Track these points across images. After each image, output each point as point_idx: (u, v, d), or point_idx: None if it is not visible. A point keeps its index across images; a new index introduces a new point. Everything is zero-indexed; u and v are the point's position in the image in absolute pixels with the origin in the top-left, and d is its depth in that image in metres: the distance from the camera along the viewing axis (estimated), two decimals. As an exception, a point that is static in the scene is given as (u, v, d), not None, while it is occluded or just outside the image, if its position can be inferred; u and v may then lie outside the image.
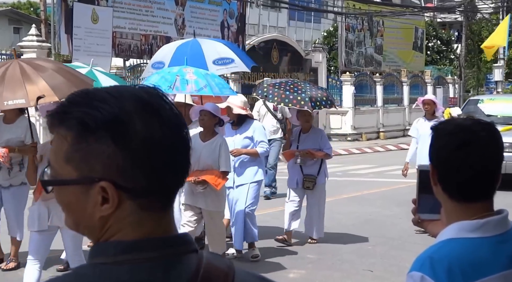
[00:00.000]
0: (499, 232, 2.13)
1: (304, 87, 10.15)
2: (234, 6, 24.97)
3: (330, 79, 30.83)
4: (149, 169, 1.35)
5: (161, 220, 1.40)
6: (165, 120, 1.37)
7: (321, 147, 9.98)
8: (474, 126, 2.18)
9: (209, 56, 10.09)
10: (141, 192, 1.36)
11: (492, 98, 19.03)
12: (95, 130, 1.34)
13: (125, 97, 1.36)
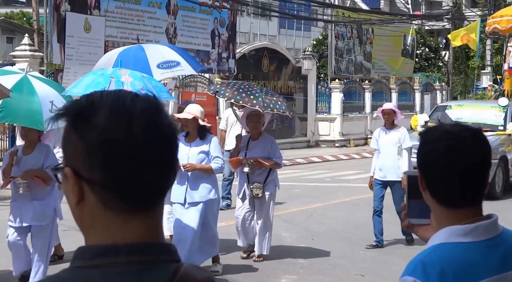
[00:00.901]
0: (490, 236, 2.13)
1: (260, 90, 9.72)
2: (225, 14, 25.13)
3: (319, 86, 31.03)
4: (103, 163, 1.36)
5: (129, 223, 1.38)
6: (136, 125, 1.37)
7: (270, 156, 9.42)
8: (461, 132, 2.17)
9: (153, 60, 9.76)
10: (99, 185, 1.37)
11: (460, 104, 18.73)
12: (67, 121, 1.41)
13: (108, 97, 1.40)
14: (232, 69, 25.21)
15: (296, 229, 11.93)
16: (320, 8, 33.46)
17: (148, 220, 1.40)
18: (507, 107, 16.86)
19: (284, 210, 13.71)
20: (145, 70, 9.34)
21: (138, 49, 10.15)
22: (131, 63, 9.35)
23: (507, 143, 16.06)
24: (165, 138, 1.40)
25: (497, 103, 17.14)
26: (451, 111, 17.37)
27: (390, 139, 10.56)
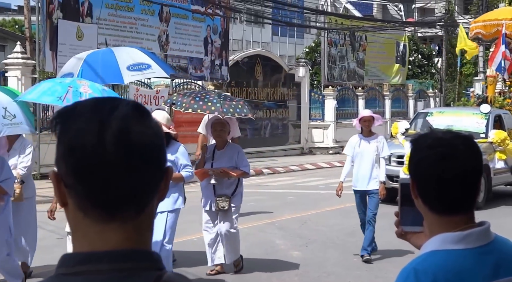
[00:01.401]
0: (482, 243, 2.12)
1: (218, 96, 9.44)
2: (217, 22, 25.13)
3: (312, 93, 31.03)
4: (74, 168, 1.35)
5: (106, 232, 1.37)
6: (110, 132, 1.35)
7: (238, 165, 8.97)
8: (453, 139, 2.17)
9: (123, 62, 9.45)
10: (74, 191, 1.37)
11: (441, 111, 18.24)
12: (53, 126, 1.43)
13: (86, 103, 1.41)
14: (225, 77, 25.20)
15: (290, 236, 11.89)
16: (313, 15, 33.51)
17: (128, 228, 1.38)
18: (489, 114, 16.54)
19: (278, 217, 13.68)
20: (114, 72, 9.25)
21: (107, 52, 9.92)
22: (100, 66, 9.21)
23: (489, 151, 15.48)
24: (139, 146, 1.36)
25: (479, 110, 16.83)
26: (432, 118, 17.04)
27: (368, 148, 10.25)
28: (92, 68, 9.12)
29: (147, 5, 21.96)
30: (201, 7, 24.21)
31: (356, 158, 10.27)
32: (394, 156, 15.18)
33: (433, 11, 49.72)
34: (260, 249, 10.75)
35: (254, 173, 21.91)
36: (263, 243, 11.21)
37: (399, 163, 14.89)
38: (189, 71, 23.92)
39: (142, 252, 1.39)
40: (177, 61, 23.37)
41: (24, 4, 20.83)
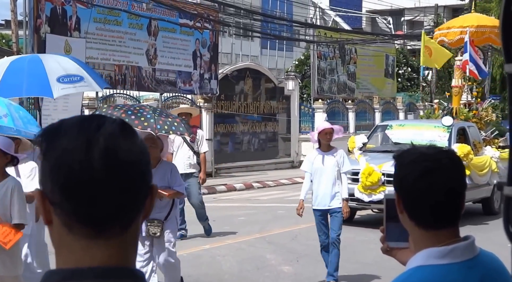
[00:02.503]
0: (468, 257, 2.14)
1: (153, 111, 8.91)
2: (206, 35, 25.10)
3: (302, 106, 31.01)
4: (61, 185, 1.36)
5: (91, 248, 1.37)
6: (97, 149, 1.36)
7: (170, 184, 8.24)
8: (437, 154, 2.20)
9: (52, 73, 8.60)
10: (60, 208, 1.37)
11: (401, 124, 17.15)
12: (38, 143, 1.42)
13: (72, 121, 1.42)
14: (214, 90, 25.15)
15: (280, 250, 11.81)
16: (302, 29, 33.55)
17: (112, 245, 1.39)
18: (451, 127, 15.53)
19: (269, 231, 13.59)
20: (42, 84, 8.44)
21: (34, 60, 8.92)
22: (26, 75, 8.40)
23: None
24: (126, 164, 1.38)
25: (441, 122, 15.75)
26: (391, 132, 16.24)
27: (328, 163, 9.54)
28: (16, 77, 8.33)
29: (135, 19, 21.91)
30: (190, 20, 24.17)
31: (316, 174, 9.56)
32: (348, 172, 14.67)
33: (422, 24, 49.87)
34: (251, 264, 10.67)
35: (244, 187, 21.85)
36: (253, 258, 11.13)
37: (354, 180, 13.79)
38: (178, 85, 23.85)
39: (125, 269, 1.40)
40: (166, 75, 23.30)
41: (11, 19, 20.73)
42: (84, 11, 20.10)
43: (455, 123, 15.76)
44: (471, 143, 15.63)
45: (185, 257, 11.05)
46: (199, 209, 12.76)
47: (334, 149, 9.65)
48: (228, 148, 26.40)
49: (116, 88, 21.62)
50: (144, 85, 22.45)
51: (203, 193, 20.14)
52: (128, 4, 21.57)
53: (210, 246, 12.00)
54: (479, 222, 14.45)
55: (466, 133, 15.89)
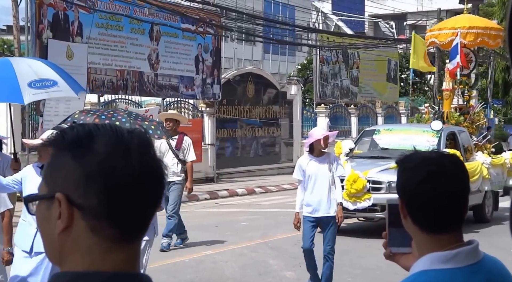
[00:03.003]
0: (471, 262, 2.13)
1: (128, 115, 8.67)
2: (208, 40, 25.09)
3: (305, 111, 30.98)
4: (101, 189, 1.38)
5: (112, 251, 1.40)
6: (134, 156, 1.41)
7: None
8: (439, 158, 2.20)
9: (23, 77, 8.19)
10: (92, 212, 1.39)
11: (389, 129, 16.35)
12: (62, 148, 1.43)
13: (105, 128, 1.45)
14: (217, 95, 25.13)
15: (283, 256, 11.76)
16: (305, 33, 33.53)
17: (129, 250, 1.43)
18: (441, 132, 14.97)
19: (271, 237, 13.55)
20: (12, 89, 8.04)
21: (4, 63, 8.51)
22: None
23: None
24: (158, 173, 1.45)
25: (430, 127, 15.10)
26: (379, 137, 15.55)
27: (322, 169, 9.13)
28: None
29: (137, 24, 21.91)
30: (192, 25, 24.16)
31: (309, 181, 9.10)
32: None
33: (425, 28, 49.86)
34: (253, 270, 10.62)
35: (246, 192, 21.80)
36: (255, 263, 11.09)
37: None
38: (180, 90, 23.84)
39: (132, 274, 1.42)
40: (168, 80, 23.29)
41: (13, 24, 20.71)
42: (86, 16, 20.10)
43: (444, 128, 15.26)
44: (461, 148, 15.13)
45: (187, 263, 11.02)
46: (170, 218, 11.97)
47: (326, 153, 9.27)
48: (230, 153, 26.37)
49: (118, 94, 21.61)
50: (146, 90, 22.44)
51: (205, 198, 20.23)
52: (130, 9, 21.57)
53: (212, 251, 11.96)
54: (469, 230, 14.30)
55: (456, 138, 15.41)
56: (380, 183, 13.46)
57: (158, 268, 10.65)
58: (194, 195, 20.26)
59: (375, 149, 15.41)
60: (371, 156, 14.74)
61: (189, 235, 12.71)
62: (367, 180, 13.39)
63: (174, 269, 10.56)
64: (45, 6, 18.92)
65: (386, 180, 13.33)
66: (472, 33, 17.96)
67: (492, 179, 15.55)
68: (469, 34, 17.97)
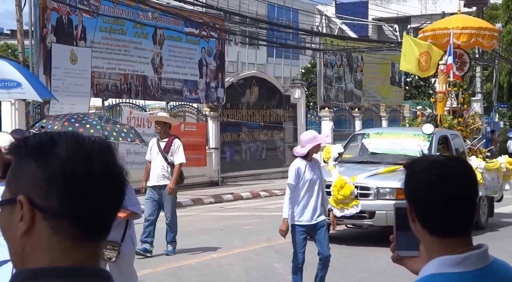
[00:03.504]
0: (480, 266, 2.12)
1: (99, 118, 8.33)
2: (212, 44, 25.09)
3: (309, 115, 30.96)
4: (62, 191, 1.43)
5: (72, 249, 1.45)
6: (95, 160, 1.46)
7: (125, 203, 7.04)
8: (447, 161, 2.19)
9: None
10: (54, 213, 1.44)
11: (379, 132, 15.74)
12: (24, 155, 1.47)
13: (67, 134, 1.51)
14: (221, 99, 25.13)
15: (289, 259, 11.65)
16: (308, 37, 33.50)
17: (91, 248, 1.48)
18: (432, 136, 14.39)
19: (276, 240, 13.48)
20: None
21: None
22: None
23: None
24: (119, 178, 1.51)
25: (421, 131, 14.55)
26: (368, 141, 14.93)
27: (314, 175, 8.92)
28: None
29: (140, 28, 21.92)
30: (195, 29, 24.16)
31: (303, 187, 8.79)
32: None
33: (429, 31, 49.81)
34: (259, 273, 10.61)
35: (251, 196, 21.78)
36: (261, 267, 11.07)
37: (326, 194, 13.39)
38: (184, 93, 23.84)
39: (90, 268, 1.47)
40: (172, 84, 23.29)
41: (17, 28, 20.74)
42: (89, 21, 20.11)
43: (436, 132, 14.70)
44: (453, 152, 14.50)
45: (193, 266, 11.01)
46: (170, 225, 11.98)
47: (314, 159, 9.07)
48: (234, 157, 26.37)
49: (121, 98, 21.61)
50: (150, 94, 22.45)
51: (210, 202, 20.21)
52: (134, 13, 21.58)
53: (218, 255, 11.95)
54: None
55: (448, 142, 14.86)
56: (368, 189, 12.99)
57: (165, 272, 10.65)
58: (199, 199, 20.27)
59: (365, 153, 14.87)
60: (360, 161, 14.34)
61: (195, 239, 12.71)
62: (355, 185, 12.92)
63: (180, 273, 10.57)
64: (48, 10, 18.93)
65: (375, 185, 12.89)
66: (466, 33, 17.58)
67: (487, 184, 15.12)
68: (462, 34, 17.60)
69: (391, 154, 14.29)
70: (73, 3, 19.66)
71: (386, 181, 12.85)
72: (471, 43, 17.99)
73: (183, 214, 18.01)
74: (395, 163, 13.39)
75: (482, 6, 36.18)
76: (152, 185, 11.83)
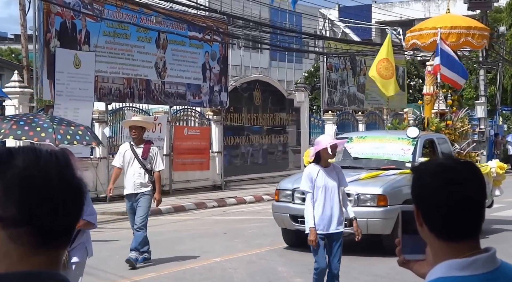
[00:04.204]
0: (489, 269, 2.11)
1: (51, 120, 8.06)
2: (216, 48, 25.11)
3: (312, 118, 30.95)
4: (19, 199, 1.47)
5: (30, 256, 1.49)
6: (53, 171, 1.50)
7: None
8: (456, 165, 2.18)
9: None
10: (11, 221, 1.47)
11: (362, 136, 14.86)
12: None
13: (25, 147, 1.56)
14: (224, 103, 25.14)
15: (292, 263, 11.73)
16: (312, 40, 33.51)
17: (50, 254, 1.52)
18: (417, 140, 13.72)
19: (280, 244, 13.50)
20: None
21: None
22: None
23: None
24: (77, 189, 1.54)
25: (405, 134, 13.84)
26: (351, 145, 13.97)
27: (331, 181, 8.51)
28: None
29: (144, 32, 21.95)
30: (199, 33, 24.19)
31: (319, 194, 8.45)
32: (298, 191, 12.28)
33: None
34: (262, 277, 10.60)
35: (254, 200, 21.78)
36: (265, 271, 11.06)
37: (304, 200, 12.12)
38: (187, 97, 23.86)
39: (46, 272, 1.49)
40: (175, 87, 23.31)
41: (21, 33, 20.82)
42: (93, 25, 20.15)
43: (421, 135, 14.07)
44: (440, 156, 13.94)
45: (197, 270, 11.00)
46: (138, 231, 11.26)
47: (332, 164, 8.71)
48: (237, 160, 26.37)
49: (125, 102, 21.63)
50: (153, 98, 22.47)
51: (213, 206, 20.20)
52: (137, 18, 21.61)
53: (221, 258, 11.94)
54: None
55: (434, 146, 14.22)
56: (348, 195, 11.69)
57: (168, 275, 10.65)
58: (202, 203, 20.27)
59: (348, 158, 13.95)
60: (342, 166, 13.22)
61: (198, 242, 12.69)
62: None
63: (183, 276, 10.56)
64: (52, 15, 18.97)
65: (355, 192, 11.99)
66: (455, 33, 16.81)
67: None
68: (451, 34, 16.82)
69: (375, 159, 13.71)
70: (77, 7, 19.70)
71: (367, 187, 12.22)
72: (460, 44, 17.11)
73: (186, 217, 18.02)
74: (378, 168, 13.02)
75: (486, 9, 36.12)
76: (129, 193, 11.29)
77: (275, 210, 13.01)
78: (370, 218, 11.74)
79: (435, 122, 15.79)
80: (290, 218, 12.51)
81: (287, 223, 12.66)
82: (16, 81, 19.07)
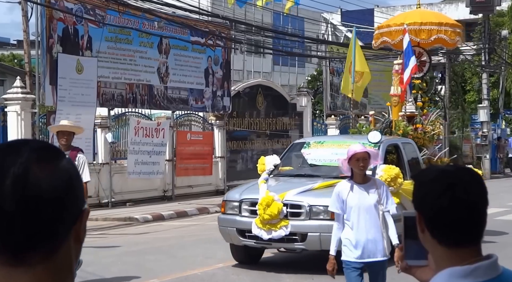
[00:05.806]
0: (490, 276, 2.10)
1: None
2: (218, 52, 25.11)
3: (315, 123, 30.93)
4: None
5: (13, 276, 1.38)
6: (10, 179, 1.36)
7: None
8: (457, 171, 2.18)
9: None
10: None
11: (320, 141, 13.50)
12: None
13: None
14: (227, 107, 25.13)
15: (295, 269, 11.68)
16: (314, 45, 33.51)
17: (35, 273, 1.39)
18: (379, 145, 12.13)
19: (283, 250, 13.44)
20: None
21: None
22: None
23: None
24: (40, 193, 1.37)
25: (366, 139, 12.08)
26: (308, 150, 12.89)
27: (368, 200, 7.17)
28: None
29: (146, 38, 21.95)
30: (201, 38, 24.19)
31: (351, 215, 7.15)
32: (246, 203, 11.49)
33: (435, 39, 49.73)
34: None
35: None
36: (268, 277, 11.02)
37: (253, 213, 11.19)
38: (190, 102, 23.85)
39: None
40: (178, 92, 23.30)
41: (23, 39, 20.81)
42: (95, 31, 20.15)
43: (384, 140, 12.75)
44: (405, 163, 12.70)
45: (199, 276, 10.96)
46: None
47: (372, 179, 7.42)
48: (240, 165, 26.34)
49: (127, 107, 21.63)
50: (155, 103, 22.46)
51: (216, 211, 20.11)
52: (139, 23, 21.62)
53: (224, 264, 11.90)
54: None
55: (399, 152, 12.94)
56: (299, 207, 11.03)
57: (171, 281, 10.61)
58: (204, 208, 20.20)
59: (305, 165, 12.94)
60: (298, 174, 12.52)
61: (201, 248, 12.64)
62: (284, 203, 10.91)
63: (185, 283, 10.51)
64: (55, 20, 18.98)
65: (307, 203, 10.95)
66: (425, 30, 15.64)
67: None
68: (422, 31, 15.66)
69: (332, 166, 11.77)
70: (79, 13, 19.71)
71: (320, 198, 10.79)
72: (432, 41, 16.02)
73: (188, 223, 17.97)
74: (336, 177, 11.02)
75: (488, 13, 36.10)
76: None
77: (221, 223, 11.76)
78: (323, 232, 10.30)
79: (402, 126, 14.76)
80: (237, 232, 11.34)
81: (234, 238, 11.46)
82: (19, 87, 19.06)
